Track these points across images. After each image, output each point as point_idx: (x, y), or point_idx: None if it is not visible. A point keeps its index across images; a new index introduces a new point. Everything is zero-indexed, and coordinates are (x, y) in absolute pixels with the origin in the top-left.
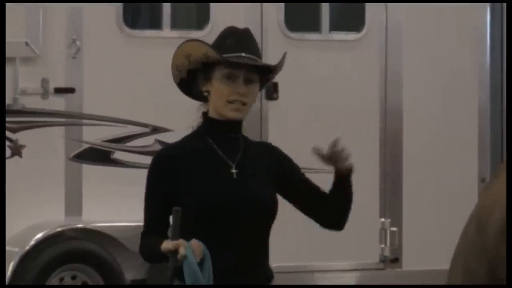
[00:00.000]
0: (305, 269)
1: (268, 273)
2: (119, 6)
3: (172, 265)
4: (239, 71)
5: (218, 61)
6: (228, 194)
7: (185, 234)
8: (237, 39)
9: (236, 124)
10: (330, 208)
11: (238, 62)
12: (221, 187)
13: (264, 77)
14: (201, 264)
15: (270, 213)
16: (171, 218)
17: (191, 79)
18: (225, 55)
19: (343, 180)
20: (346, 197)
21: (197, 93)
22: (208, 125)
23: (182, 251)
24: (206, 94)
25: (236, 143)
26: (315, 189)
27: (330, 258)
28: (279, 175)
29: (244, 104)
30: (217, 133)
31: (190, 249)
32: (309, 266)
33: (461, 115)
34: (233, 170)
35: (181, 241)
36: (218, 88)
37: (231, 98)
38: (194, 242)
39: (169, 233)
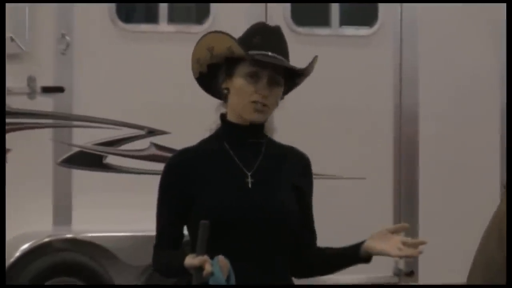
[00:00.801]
0: (317, 282)
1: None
2: None
3: (197, 282)
4: (264, 71)
5: (242, 57)
6: (240, 204)
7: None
8: (265, 37)
9: (256, 129)
10: (310, 259)
11: (264, 60)
12: (234, 197)
13: (290, 81)
14: (227, 281)
15: (286, 223)
16: (185, 228)
17: (211, 74)
18: (250, 52)
19: (358, 259)
20: (337, 268)
21: (216, 90)
22: (226, 128)
23: (208, 268)
24: (225, 91)
25: (256, 149)
26: (310, 231)
27: (342, 271)
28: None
29: (265, 106)
30: (235, 138)
31: (218, 266)
32: (321, 279)
33: (482, 116)
34: (249, 179)
35: (206, 257)
36: (239, 86)
37: (252, 98)
38: (221, 258)
39: (196, 247)
